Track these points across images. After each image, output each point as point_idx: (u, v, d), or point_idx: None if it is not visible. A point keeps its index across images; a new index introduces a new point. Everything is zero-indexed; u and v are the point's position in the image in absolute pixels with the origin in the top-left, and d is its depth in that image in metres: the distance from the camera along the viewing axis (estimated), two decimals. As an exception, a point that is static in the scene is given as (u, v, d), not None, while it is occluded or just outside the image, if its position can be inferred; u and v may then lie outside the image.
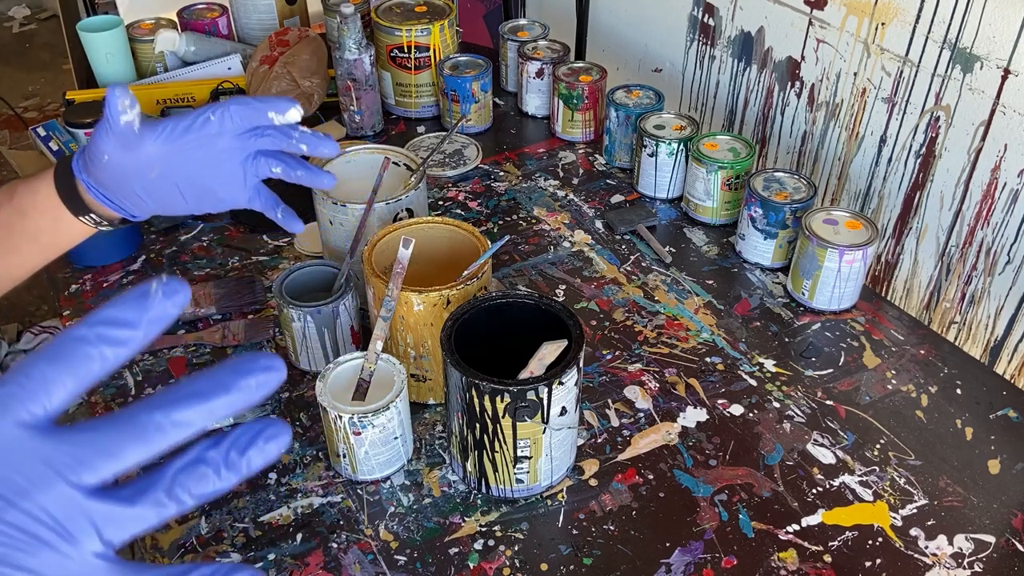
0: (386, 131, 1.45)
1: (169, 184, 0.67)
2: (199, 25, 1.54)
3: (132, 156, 0.65)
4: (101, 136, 0.65)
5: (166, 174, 0.66)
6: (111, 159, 0.65)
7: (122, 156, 0.65)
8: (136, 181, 0.66)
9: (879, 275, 1.28)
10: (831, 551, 0.81)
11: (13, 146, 3.07)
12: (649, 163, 1.25)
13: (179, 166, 0.66)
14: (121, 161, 0.65)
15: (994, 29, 1.01)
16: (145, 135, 0.65)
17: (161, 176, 0.66)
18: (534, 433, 0.80)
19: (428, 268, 0.96)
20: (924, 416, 0.95)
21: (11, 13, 4.03)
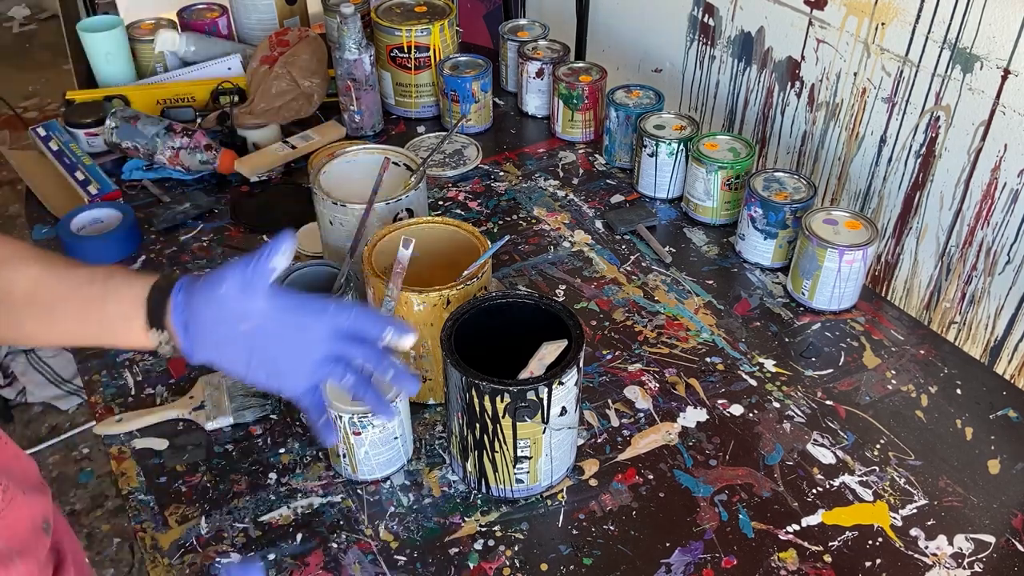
0: (386, 131, 1.45)
1: (248, 343, 0.66)
2: (199, 25, 1.54)
3: (241, 299, 0.65)
4: (236, 266, 0.65)
5: (252, 333, 0.66)
6: (225, 291, 0.65)
7: (234, 293, 0.65)
8: (223, 325, 0.66)
9: (879, 275, 1.28)
10: (831, 551, 0.81)
11: (13, 146, 3.07)
12: (649, 163, 1.25)
13: (269, 332, 0.66)
14: (229, 297, 0.65)
15: (994, 29, 1.01)
16: (266, 289, 0.65)
17: (247, 333, 0.66)
18: (534, 433, 0.80)
19: (428, 268, 0.96)
20: (924, 416, 0.95)
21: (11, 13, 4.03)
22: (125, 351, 1.03)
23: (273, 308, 0.66)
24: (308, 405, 0.69)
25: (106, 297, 0.67)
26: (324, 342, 0.67)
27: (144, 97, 1.43)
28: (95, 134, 1.34)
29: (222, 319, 0.66)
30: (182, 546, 0.82)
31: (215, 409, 0.94)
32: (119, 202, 1.24)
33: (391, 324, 0.68)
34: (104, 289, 0.68)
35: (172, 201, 1.27)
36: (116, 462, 0.90)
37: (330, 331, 0.67)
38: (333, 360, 0.67)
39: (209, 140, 1.29)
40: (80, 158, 1.30)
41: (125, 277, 0.68)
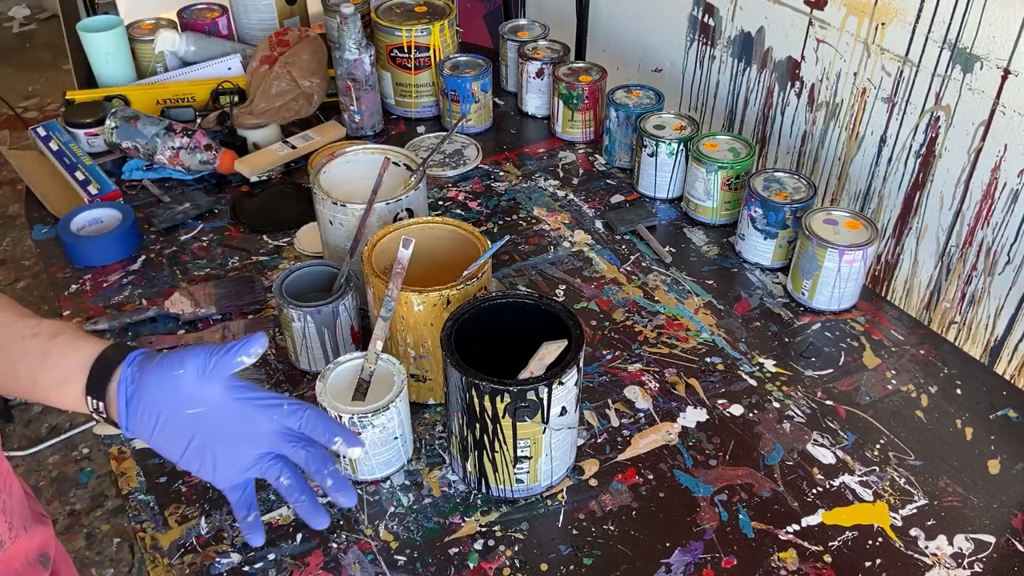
0: (386, 131, 1.45)
1: (190, 428, 0.65)
2: (199, 25, 1.54)
3: (197, 384, 0.64)
4: (200, 352, 0.65)
5: (198, 419, 0.65)
6: (183, 374, 0.64)
7: (191, 377, 0.64)
8: (170, 407, 0.65)
9: (879, 275, 1.28)
10: (831, 551, 0.81)
11: (13, 146, 3.07)
12: (649, 163, 1.25)
13: (214, 420, 0.65)
14: (185, 380, 0.64)
15: (994, 29, 1.01)
16: (225, 379, 0.65)
17: (192, 418, 0.65)
18: (534, 433, 0.80)
19: (428, 268, 0.96)
20: (924, 416, 0.95)
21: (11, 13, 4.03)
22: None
23: (226, 398, 0.65)
24: (237, 500, 0.67)
25: (47, 354, 0.66)
26: (268, 438, 0.66)
27: (144, 97, 1.43)
28: (95, 134, 1.34)
29: (171, 400, 0.64)
30: (182, 546, 0.82)
31: (215, 409, 0.94)
32: (119, 202, 1.24)
33: (340, 433, 0.67)
34: (47, 346, 0.66)
35: (172, 201, 1.27)
36: (116, 462, 0.90)
37: (277, 429, 0.66)
38: (272, 458, 0.66)
39: (209, 140, 1.29)
40: (80, 158, 1.30)
41: (72, 337, 0.67)
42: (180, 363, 0.64)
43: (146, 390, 0.64)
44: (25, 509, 0.73)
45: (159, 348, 1.02)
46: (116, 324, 1.05)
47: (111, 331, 1.05)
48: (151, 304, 1.08)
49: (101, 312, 1.08)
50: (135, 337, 1.04)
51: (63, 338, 0.66)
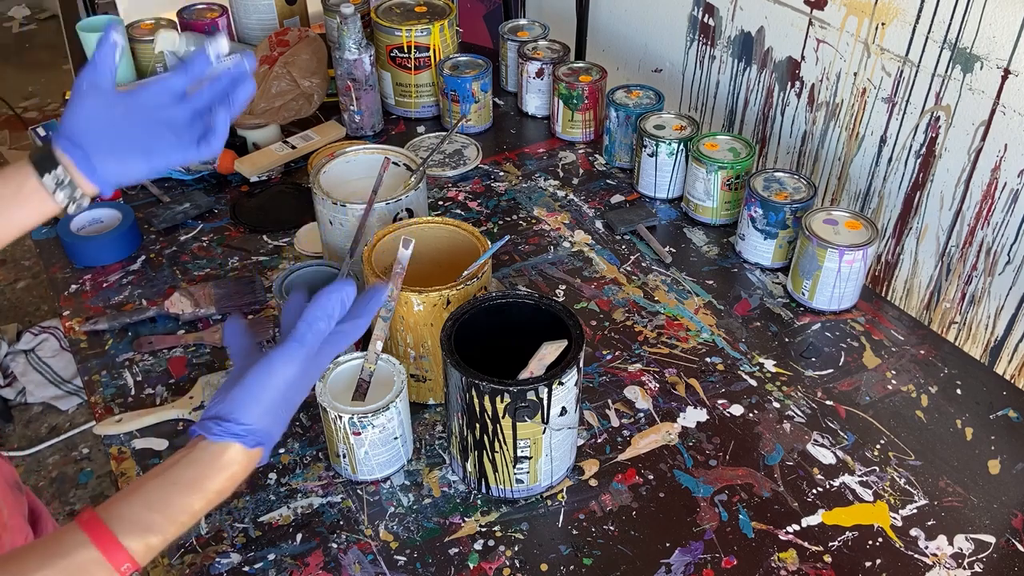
0: (386, 131, 1.45)
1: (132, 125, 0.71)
2: (199, 25, 1.54)
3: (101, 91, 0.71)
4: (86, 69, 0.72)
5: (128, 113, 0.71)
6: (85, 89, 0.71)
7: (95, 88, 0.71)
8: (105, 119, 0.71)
9: (879, 275, 1.28)
10: (831, 551, 0.81)
11: (13, 146, 3.07)
12: (649, 163, 1.25)
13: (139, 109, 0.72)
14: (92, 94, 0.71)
15: (994, 29, 1.01)
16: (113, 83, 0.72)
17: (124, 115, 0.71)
18: (534, 433, 0.80)
19: (428, 268, 0.96)
20: (924, 416, 0.95)
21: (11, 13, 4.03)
22: (125, 351, 1.03)
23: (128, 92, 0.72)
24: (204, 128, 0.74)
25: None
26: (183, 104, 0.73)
27: (144, 97, 1.43)
28: (95, 134, 1.33)
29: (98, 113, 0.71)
30: (182, 546, 0.82)
31: (215, 409, 0.94)
32: (119, 202, 1.24)
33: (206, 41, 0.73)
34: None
35: (172, 201, 1.27)
36: (116, 462, 0.90)
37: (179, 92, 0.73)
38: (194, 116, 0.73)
39: (209, 140, 1.28)
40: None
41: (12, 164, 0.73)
42: (77, 84, 0.72)
43: (81, 124, 0.71)
44: None
45: (159, 348, 1.02)
46: (116, 324, 1.05)
47: (111, 331, 1.05)
48: (151, 304, 1.08)
49: (101, 312, 1.08)
50: (135, 337, 1.04)
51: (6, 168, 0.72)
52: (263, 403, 0.63)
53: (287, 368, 0.64)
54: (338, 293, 0.67)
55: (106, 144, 0.71)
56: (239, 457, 0.63)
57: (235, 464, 0.63)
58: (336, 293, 0.67)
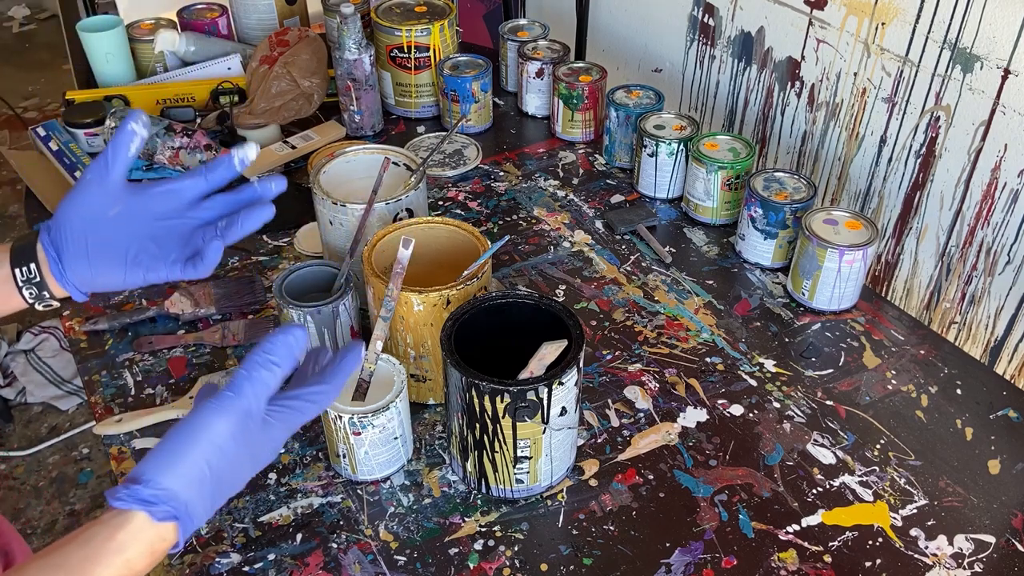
0: (386, 131, 1.45)
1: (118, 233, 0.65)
2: (199, 25, 1.54)
3: (106, 187, 0.65)
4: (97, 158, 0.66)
5: (120, 221, 0.65)
6: (90, 179, 0.65)
7: (98, 179, 0.65)
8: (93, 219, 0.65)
9: (879, 275, 1.28)
10: (831, 551, 0.81)
11: (13, 146, 3.07)
12: (649, 163, 1.25)
13: (137, 215, 0.65)
14: (94, 186, 0.65)
15: (994, 29, 1.01)
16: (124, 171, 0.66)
17: (116, 221, 0.65)
18: (534, 433, 0.80)
19: (428, 268, 0.96)
20: (924, 416, 0.95)
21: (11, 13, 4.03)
22: (125, 350, 1.03)
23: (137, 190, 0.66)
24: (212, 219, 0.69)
25: None
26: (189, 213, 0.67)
27: (144, 97, 1.43)
28: (95, 134, 1.34)
29: (91, 215, 0.64)
30: (182, 546, 0.82)
31: (215, 409, 0.94)
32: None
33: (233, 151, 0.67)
34: None
35: (172, 201, 1.27)
36: (116, 462, 0.90)
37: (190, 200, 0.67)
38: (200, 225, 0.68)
39: (209, 140, 1.29)
40: (80, 158, 1.30)
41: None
42: (84, 172, 0.66)
43: (66, 222, 0.64)
44: None
45: (159, 348, 1.02)
46: (116, 324, 1.05)
47: (111, 331, 1.05)
48: (151, 304, 1.08)
49: (101, 312, 1.08)
50: (135, 337, 1.04)
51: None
52: (182, 465, 0.53)
53: (216, 424, 0.54)
54: (284, 336, 0.57)
55: (83, 249, 0.64)
56: (144, 532, 0.53)
57: (138, 542, 0.52)
58: (283, 336, 0.57)
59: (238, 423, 0.54)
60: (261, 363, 0.55)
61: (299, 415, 0.58)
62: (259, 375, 0.55)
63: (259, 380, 0.55)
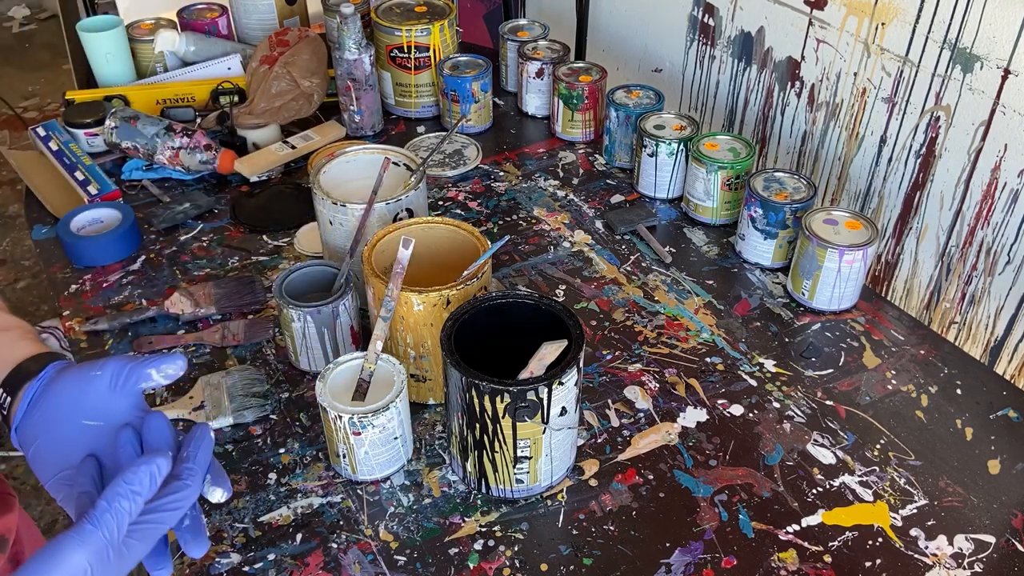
0: (386, 131, 1.45)
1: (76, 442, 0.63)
2: (199, 25, 1.54)
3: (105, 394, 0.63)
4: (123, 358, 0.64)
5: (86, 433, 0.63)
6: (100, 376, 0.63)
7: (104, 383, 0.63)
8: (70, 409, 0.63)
9: (879, 275, 1.28)
10: (831, 551, 0.81)
11: (13, 146, 3.07)
12: (649, 163, 1.25)
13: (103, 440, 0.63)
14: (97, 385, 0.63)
15: (994, 29, 1.01)
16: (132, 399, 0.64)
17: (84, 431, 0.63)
18: (534, 433, 0.80)
19: (428, 268, 0.96)
20: (924, 416, 0.95)
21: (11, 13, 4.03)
22: (124, 352, 1.03)
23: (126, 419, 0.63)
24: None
25: None
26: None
27: (144, 97, 1.43)
28: (95, 134, 1.34)
29: (73, 405, 0.62)
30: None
31: (215, 409, 0.94)
32: (119, 202, 1.24)
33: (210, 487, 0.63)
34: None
35: (172, 201, 1.27)
36: (116, 462, 0.90)
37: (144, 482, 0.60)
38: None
39: (209, 140, 1.29)
40: (80, 158, 1.30)
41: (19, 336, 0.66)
42: (100, 365, 0.63)
43: (53, 391, 0.63)
44: None
45: (159, 348, 1.02)
46: (116, 324, 1.05)
47: (111, 331, 1.05)
48: (151, 304, 1.08)
49: (101, 312, 1.08)
50: (135, 337, 1.04)
51: (10, 335, 0.66)
52: None
53: (73, 557, 0.52)
54: (147, 466, 0.56)
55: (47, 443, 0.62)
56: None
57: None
58: (145, 466, 0.56)
59: (95, 554, 0.53)
60: (123, 494, 0.54)
61: (161, 527, 0.57)
62: (120, 506, 0.54)
63: (120, 511, 0.54)
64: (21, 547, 0.79)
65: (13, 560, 0.77)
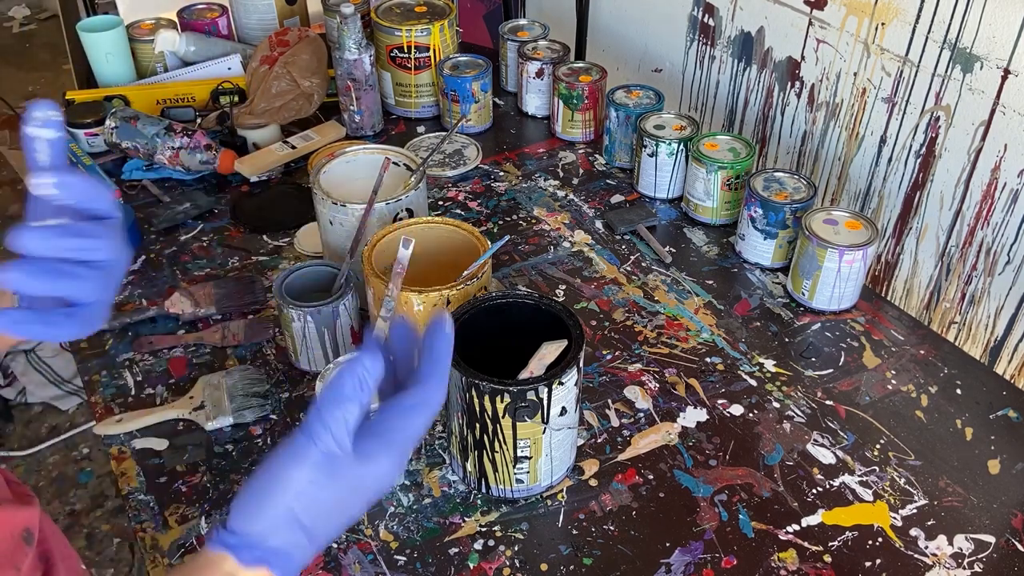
0: (386, 131, 1.45)
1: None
2: (199, 25, 1.54)
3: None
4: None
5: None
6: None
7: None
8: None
9: (879, 275, 1.28)
10: (831, 551, 0.81)
11: (13, 146, 3.07)
12: (649, 163, 1.25)
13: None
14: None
15: (994, 29, 1.01)
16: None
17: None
18: (534, 433, 0.80)
19: (428, 268, 0.96)
20: (924, 416, 0.95)
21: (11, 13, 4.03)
22: (125, 350, 1.03)
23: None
24: None
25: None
26: None
27: (144, 97, 1.43)
28: (95, 134, 1.34)
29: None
30: (182, 546, 0.82)
31: (215, 409, 0.94)
32: (119, 202, 1.24)
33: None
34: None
35: (172, 201, 1.27)
36: (116, 462, 0.90)
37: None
38: None
39: (209, 140, 1.29)
40: (80, 158, 1.30)
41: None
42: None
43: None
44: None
45: (159, 348, 1.02)
46: (116, 324, 1.05)
47: (111, 331, 1.05)
48: (151, 304, 1.08)
49: (101, 312, 1.08)
50: (135, 337, 1.04)
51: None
52: (265, 514, 0.51)
53: (293, 472, 0.51)
54: (352, 373, 0.51)
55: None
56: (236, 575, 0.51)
57: None
58: (350, 373, 0.51)
59: (318, 468, 0.50)
60: (333, 401, 0.51)
61: (400, 434, 0.52)
62: (331, 415, 0.50)
63: (333, 420, 0.50)
64: (49, 546, 0.78)
65: (43, 558, 0.76)
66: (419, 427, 0.53)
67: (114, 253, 0.59)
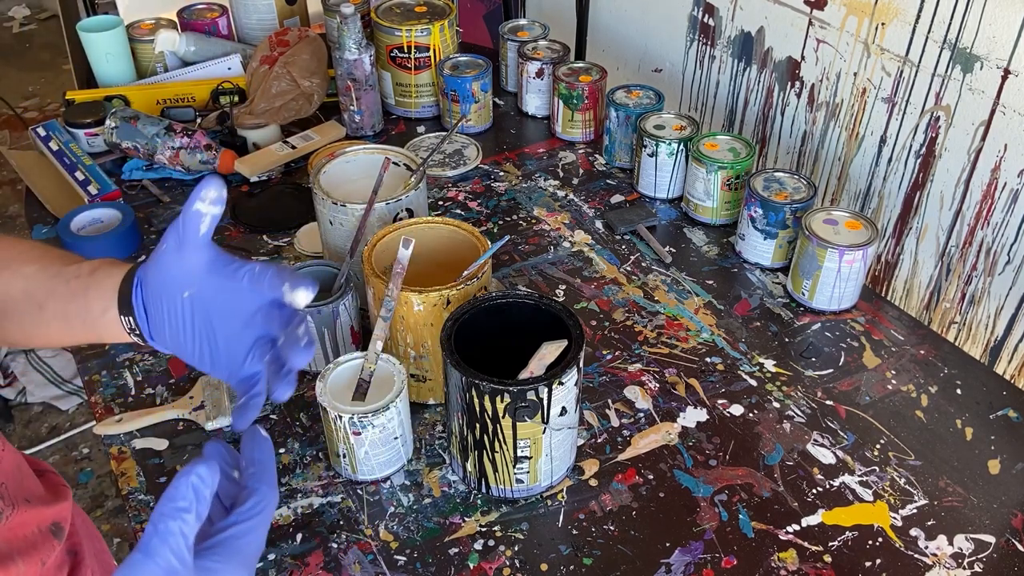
0: (386, 131, 1.45)
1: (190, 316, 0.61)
2: (199, 25, 1.54)
3: (179, 259, 0.60)
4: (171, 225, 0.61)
5: (194, 301, 0.61)
6: (166, 248, 0.61)
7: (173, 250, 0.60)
8: (169, 291, 0.61)
9: (879, 275, 1.28)
10: (831, 551, 0.81)
11: (13, 146, 3.07)
12: (649, 163, 1.25)
13: (207, 299, 0.60)
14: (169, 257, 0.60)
15: (994, 29, 1.01)
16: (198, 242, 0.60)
17: (190, 300, 0.61)
18: (534, 433, 0.80)
19: (428, 268, 0.96)
20: (924, 416, 0.95)
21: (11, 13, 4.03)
22: (125, 351, 1.03)
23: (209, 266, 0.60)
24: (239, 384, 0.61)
25: (88, 289, 0.64)
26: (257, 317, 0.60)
27: (144, 97, 1.43)
28: (95, 134, 1.34)
29: (168, 285, 0.60)
30: (182, 546, 0.81)
31: (215, 409, 0.94)
32: (119, 202, 1.24)
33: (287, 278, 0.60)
34: (88, 281, 0.64)
35: (172, 201, 1.27)
36: (116, 462, 0.90)
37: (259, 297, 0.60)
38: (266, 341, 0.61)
39: (209, 140, 1.29)
40: (80, 158, 1.30)
41: (110, 268, 0.64)
42: (162, 239, 0.61)
43: (149, 285, 0.61)
44: (21, 481, 0.72)
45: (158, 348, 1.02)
46: (116, 324, 1.05)
47: (111, 331, 1.05)
48: (151, 304, 1.08)
49: (101, 312, 1.08)
50: (135, 337, 1.04)
51: (102, 271, 0.64)
52: None
53: None
54: (186, 479, 0.48)
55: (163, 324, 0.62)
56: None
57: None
58: (185, 479, 0.48)
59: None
60: (168, 514, 0.48)
61: (240, 542, 0.52)
62: (167, 528, 0.48)
63: (169, 534, 0.48)
64: (78, 540, 0.78)
65: (71, 552, 0.76)
66: (262, 537, 0.53)
67: None
